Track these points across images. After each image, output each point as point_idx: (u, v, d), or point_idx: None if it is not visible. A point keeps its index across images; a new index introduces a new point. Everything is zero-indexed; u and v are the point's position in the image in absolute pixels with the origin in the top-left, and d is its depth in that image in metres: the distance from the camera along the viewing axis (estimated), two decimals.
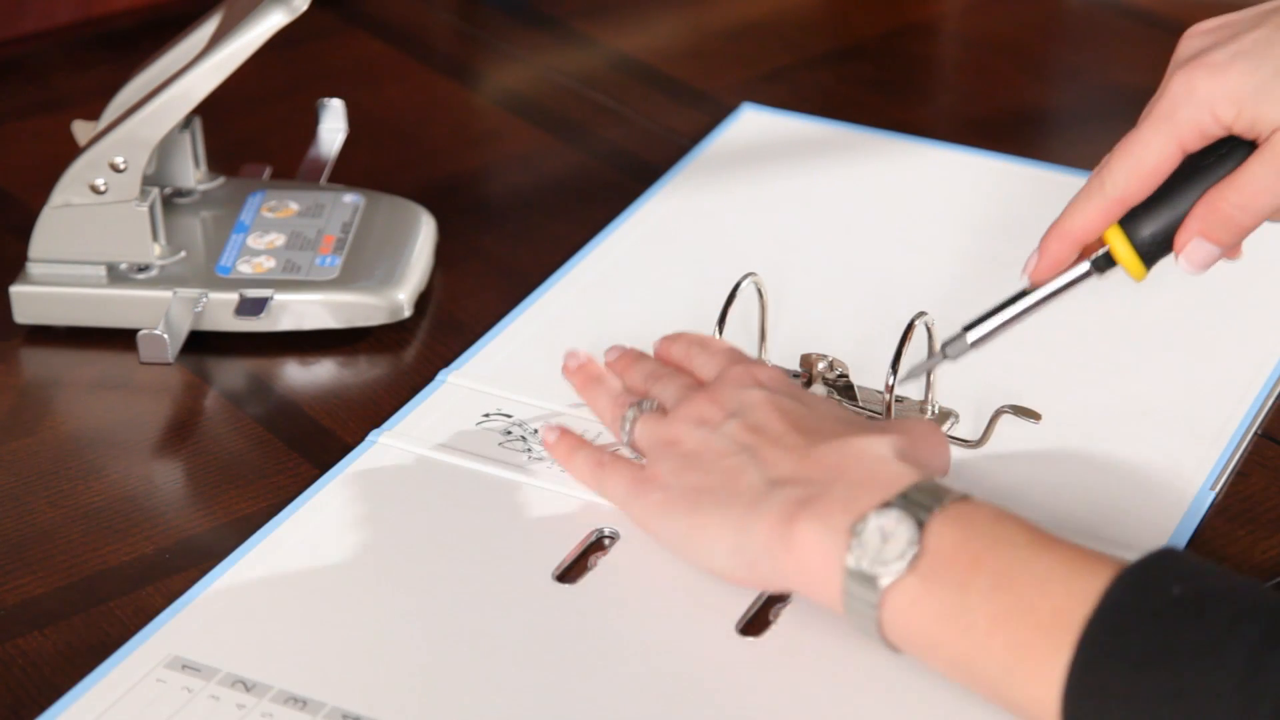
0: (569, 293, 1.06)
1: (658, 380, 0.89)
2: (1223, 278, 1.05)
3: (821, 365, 0.94)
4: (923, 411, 0.94)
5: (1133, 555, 0.86)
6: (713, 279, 1.00)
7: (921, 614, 0.74)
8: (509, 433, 0.94)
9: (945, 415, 0.94)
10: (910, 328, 0.90)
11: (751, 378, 0.86)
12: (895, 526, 0.74)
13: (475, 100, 1.32)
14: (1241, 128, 0.81)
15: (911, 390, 0.94)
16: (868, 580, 0.74)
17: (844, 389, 0.94)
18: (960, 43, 1.42)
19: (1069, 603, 0.70)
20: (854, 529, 0.75)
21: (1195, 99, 0.80)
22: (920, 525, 0.74)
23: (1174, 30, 0.85)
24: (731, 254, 1.08)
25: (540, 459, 0.92)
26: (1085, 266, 0.85)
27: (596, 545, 0.87)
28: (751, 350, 0.98)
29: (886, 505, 0.75)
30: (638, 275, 1.07)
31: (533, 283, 1.06)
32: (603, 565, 0.86)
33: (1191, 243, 0.83)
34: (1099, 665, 0.69)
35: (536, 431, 0.94)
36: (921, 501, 0.75)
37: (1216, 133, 0.81)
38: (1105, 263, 0.84)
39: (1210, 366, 0.99)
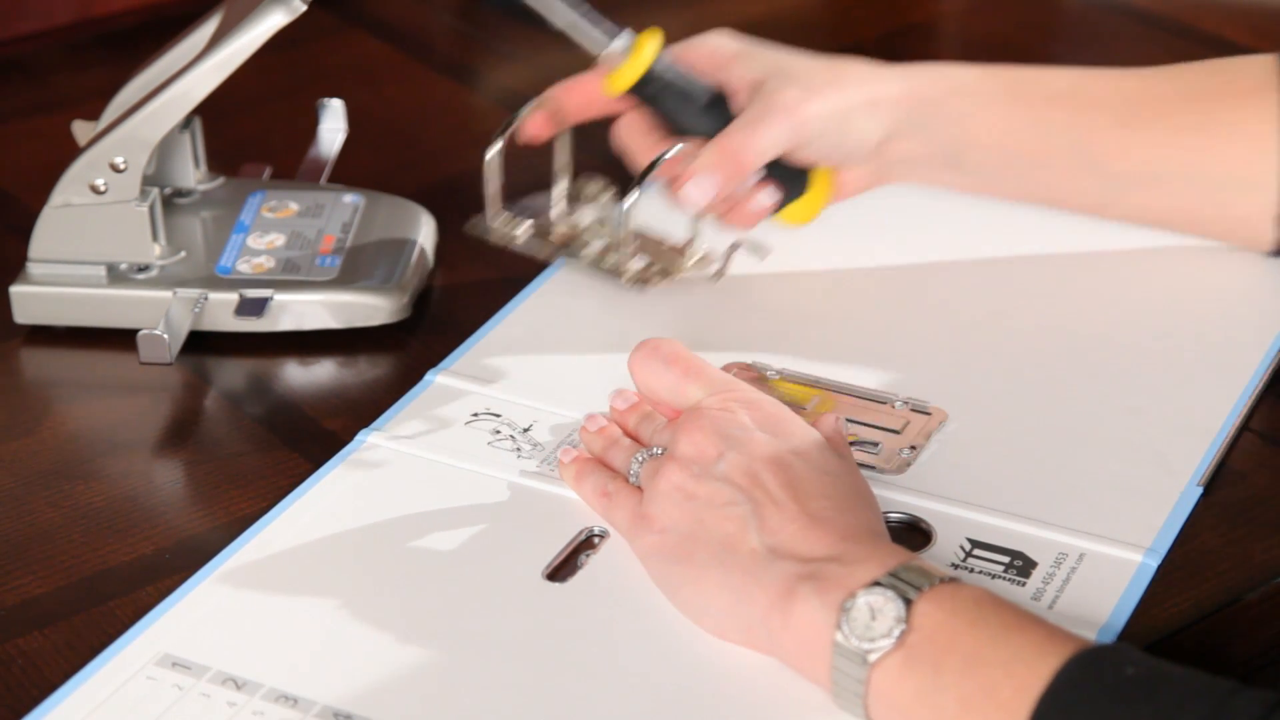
0: (555, 292, 1.05)
1: (661, 431, 0.89)
2: (1209, 272, 1.05)
3: (591, 188, 1.07)
4: (682, 253, 1.04)
5: (1122, 551, 0.86)
6: None
7: (902, 693, 0.74)
8: (498, 432, 0.94)
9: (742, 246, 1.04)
10: (661, 156, 1.01)
11: (735, 405, 0.86)
12: (884, 604, 0.75)
13: (475, 100, 1.32)
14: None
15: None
16: (856, 656, 0.75)
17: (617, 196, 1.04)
18: (960, 43, 1.42)
19: (1029, 682, 0.72)
20: (844, 605, 0.76)
21: None
22: (908, 604, 0.75)
23: (1174, 30, 0.85)
24: None
25: (529, 459, 0.92)
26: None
27: (586, 544, 0.87)
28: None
29: (876, 583, 0.76)
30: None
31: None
32: (593, 564, 0.86)
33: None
34: None
35: (526, 430, 0.94)
36: (911, 581, 0.76)
37: None
38: None
39: (1197, 363, 0.99)
